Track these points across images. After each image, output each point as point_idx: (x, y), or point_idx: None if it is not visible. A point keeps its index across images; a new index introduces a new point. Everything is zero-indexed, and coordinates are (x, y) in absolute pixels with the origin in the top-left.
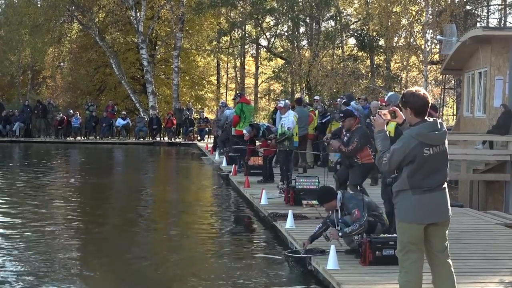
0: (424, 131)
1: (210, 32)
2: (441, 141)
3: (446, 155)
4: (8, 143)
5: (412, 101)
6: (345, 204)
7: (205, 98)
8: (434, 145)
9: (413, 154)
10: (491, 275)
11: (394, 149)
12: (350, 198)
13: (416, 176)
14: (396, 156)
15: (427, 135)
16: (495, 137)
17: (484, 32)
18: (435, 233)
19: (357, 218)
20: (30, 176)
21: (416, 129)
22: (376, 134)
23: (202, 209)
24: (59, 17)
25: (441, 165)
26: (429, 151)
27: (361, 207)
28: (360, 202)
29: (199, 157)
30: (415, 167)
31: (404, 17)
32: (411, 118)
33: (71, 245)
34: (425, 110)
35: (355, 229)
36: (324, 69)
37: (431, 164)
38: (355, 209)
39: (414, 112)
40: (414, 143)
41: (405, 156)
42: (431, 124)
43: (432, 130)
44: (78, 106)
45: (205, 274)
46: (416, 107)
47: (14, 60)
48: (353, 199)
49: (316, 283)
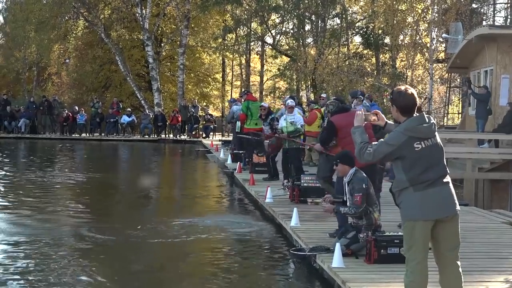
0: (412, 124)
1: (215, 30)
2: (431, 134)
3: (440, 147)
4: (14, 139)
5: (399, 99)
6: (353, 182)
7: (210, 96)
8: (424, 138)
9: (403, 150)
10: (496, 274)
11: (382, 141)
12: (360, 181)
13: (413, 172)
14: (383, 148)
15: (416, 128)
16: (501, 136)
17: (490, 31)
18: (443, 230)
19: (356, 203)
20: (34, 172)
21: (404, 124)
22: (353, 129)
23: (206, 206)
24: (64, 14)
25: (437, 158)
26: (421, 145)
27: (364, 195)
28: (365, 189)
29: (204, 154)
30: (409, 163)
31: (409, 15)
32: (397, 116)
33: (72, 244)
34: (411, 110)
35: (350, 214)
36: (329, 67)
37: (426, 158)
38: (359, 194)
39: (400, 111)
40: (403, 139)
41: (393, 151)
42: (418, 117)
43: (420, 123)
44: (84, 103)
45: (207, 271)
46: (402, 105)
47: (20, 57)
48: (362, 183)
49: (321, 281)
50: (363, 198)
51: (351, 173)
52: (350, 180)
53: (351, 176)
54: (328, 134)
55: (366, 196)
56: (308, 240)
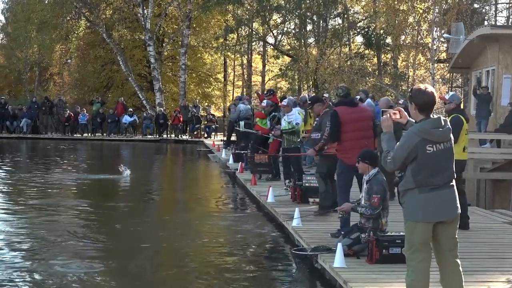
0: (426, 127)
1: (217, 30)
2: (445, 138)
3: (451, 152)
4: (16, 140)
5: (418, 97)
6: (373, 183)
7: (212, 96)
8: (437, 142)
9: (416, 151)
10: (498, 274)
11: (398, 146)
12: (379, 182)
13: (421, 174)
14: (400, 153)
15: (430, 132)
16: (503, 136)
17: (492, 31)
18: (444, 231)
19: (374, 205)
20: (34, 172)
21: (419, 125)
22: (382, 135)
23: (208, 207)
24: (66, 14)
25: (447, 162)
26: (433, 148)
27: (382, 198)
28: (384, 192)
29: (206, 154)
30: (419, 164)
31: (411, 15)
32: (415, 114)
33: (71, 244)
34: (430, 108)
35: (366, 214)
36: (331, 67)
37: (436, 162)
38: (377, 196)
39: (418, 109)
40: (416, 140)
41: (409, 153)
42: (434, 120)
43: (435, 126)
44: (85, 102)
45: (208, 271)
46: (420, 103)
47: (22, 57)
48: (381, 185)
49: (322, 281)
50: (381, 201)
51: (373, 173)
52: (369, 179)
53: (371, 176)
54: (335, 126)
55: (384, 198)
56: (310, 240)
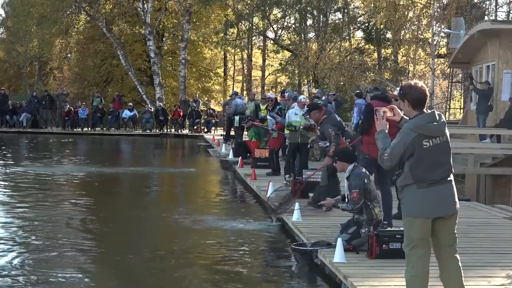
0: (422, 122)
1: (217, 24)
2: (440, 132)
3: (448, 146)
4: (16, 134)
5: (410, 93)
6: (351, 178)
7: (212, 90)
8: (433, 137)
9: (413, 146)
10: (498, 269)
11: (394, 143)
12: (357, 176)
13: (419, 169)
14: (396, 150)
15: (425, 127)
16: (503, 131)
17: (492, 26)
18: (442, 227)
19: (354, 200)
20: (34, 166)
21: (414, 121)
22: (377, 134)
23: (208, 201)
24: (66, 8)
25: (444, 157)
26: (429, 143)
27: (361, 191)
28: (362, 185)
29: (206, 149)
30: (416, 160)
31: (411, 10)
32: (409, 111)
33: (71, 238)
34: (422, 103)
35: (347, 209)
36: (331, 62)
37: (432, 156)
38: (356, 190)
39: (411, 105)
40: (412, 136)
41: (406, 149)
42: (429, 115)
43: (430, 121)
44: (85, 97)
45: (207, 265)
46: (413, 99)
47: (22, 51)
48: (359, 179)
49: (322, 276)
50: (361, 194)
51: (350, 169)
52: (348, 176)
53: (349, 172)
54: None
55: (363, 191)
56: (310, 235)
